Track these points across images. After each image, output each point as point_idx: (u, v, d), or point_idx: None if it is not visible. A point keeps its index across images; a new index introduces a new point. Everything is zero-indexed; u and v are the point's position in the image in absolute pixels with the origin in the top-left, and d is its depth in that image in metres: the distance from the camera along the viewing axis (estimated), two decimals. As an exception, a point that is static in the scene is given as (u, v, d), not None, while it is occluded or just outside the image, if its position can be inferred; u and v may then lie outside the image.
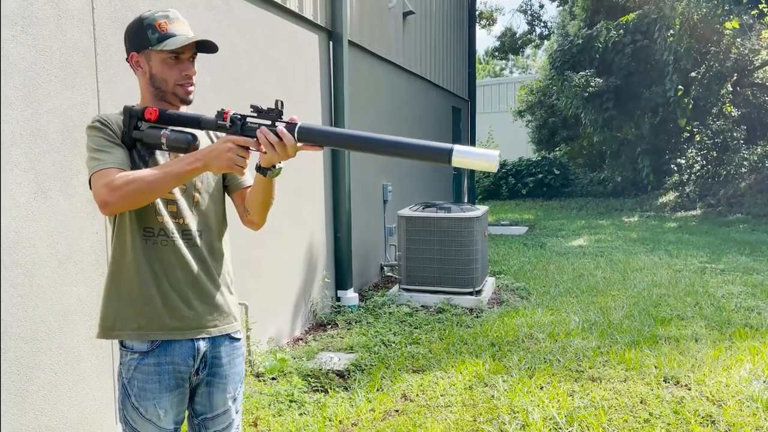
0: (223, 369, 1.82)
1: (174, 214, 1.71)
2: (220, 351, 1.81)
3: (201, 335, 1.74)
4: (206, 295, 1.76)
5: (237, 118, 1.57)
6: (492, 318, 5.07)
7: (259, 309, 4.22)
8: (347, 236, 5.59)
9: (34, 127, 2.56)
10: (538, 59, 35.55)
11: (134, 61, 1.70)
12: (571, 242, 9.26)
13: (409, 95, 8.05)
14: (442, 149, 1.46)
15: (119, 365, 1.71)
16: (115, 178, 1.54)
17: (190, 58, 1.72)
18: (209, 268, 1.78)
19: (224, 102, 3.86)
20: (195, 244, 1.75)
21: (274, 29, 4.57)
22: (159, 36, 1.66)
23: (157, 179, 1.55)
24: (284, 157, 1.54)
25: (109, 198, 1.53)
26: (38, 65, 2.59)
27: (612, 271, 6.87)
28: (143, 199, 1.58)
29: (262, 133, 1.52)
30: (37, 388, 2.57)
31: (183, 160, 1.56)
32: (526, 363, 3.98)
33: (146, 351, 1.68)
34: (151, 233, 1.68)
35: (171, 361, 1.70)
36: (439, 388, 3.63)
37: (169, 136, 1.60)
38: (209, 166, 1.55)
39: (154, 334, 1.67)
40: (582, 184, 17.40)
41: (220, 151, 1.53)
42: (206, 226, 1.79)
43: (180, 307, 1.71)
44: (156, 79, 1.69)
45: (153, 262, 1.68)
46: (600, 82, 14.25)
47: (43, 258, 2.60)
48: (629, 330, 4.60)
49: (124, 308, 1.67)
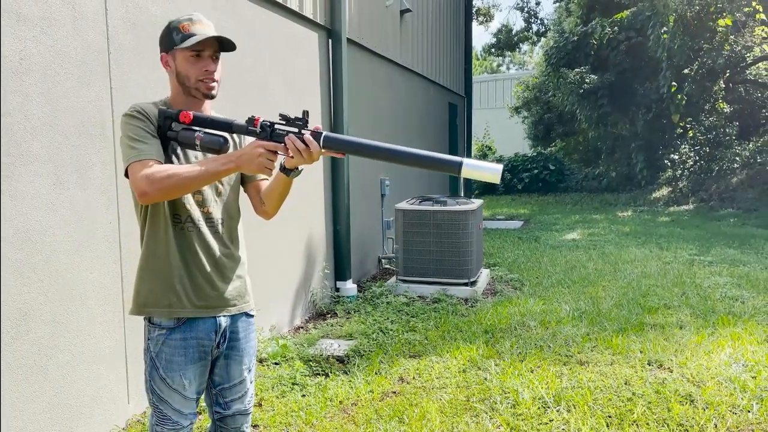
0: (239, 343, 2.00)
1: (200, 203, 1.89)
2: (237, 326, 1.99)
3: (223, 313, 1.93)
4: (227, 276, 1.94)
5: (267, 125, 1.74)
6: (486, 307, 5.25)
7: (261, 298, 4.38)
8: (346, 229, 5.76)
9: (53, 122, 2.72)
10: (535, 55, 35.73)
11: (164, 61, 1.88)
12: (565, 236, 9.44)
13: (406, 92, 8.22)
14: (452, 162, 1.67)
15: (146, 341, 1.89)
16: (155, 171, 1.70)
17: (212, 56, 1.88)
18: (230, 252, 1.96)
19: (231, 96, 4.03)
20: (217, 231, 1.92)
21: (276, 28, 4.72)
22: (182, 36, 1.83)
23: (194, 176, 1.71)
24: (309, 161, 1.72)
25: (148, 189, 1.69)
26: (56, 64, 2.75)
27: (603, 263, 7.05)
28: (179, 193, 1.76)
29: (290, 140, 1.69)
30: (56, 367, 2.74)
31: (217, 161, 1.73)
32: (518, 348, 4.16)
33: (173, 327, 1.86)
34: (179, 220, 1.85)
35: (196, 336, 1.88)
36: (435, 371, 3.81)
37: (203, 138, 1.77)
38: (241, 167, 1.73)
39: (183, 312, 1.85)
40: (577, 179, 17.59)
41: (251, 156, 1.70)
42: (227, 215, 1.97)
43: (205, 287, 1.88)
44: (181, 76, 1.86)
45: (182, 246, 1.85)
46: (595, 78, 14.41)
47: (62, 245, 2.77)
48: (617, 318, 4.79)
49: (157, 287, 1.85)
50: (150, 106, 1.84)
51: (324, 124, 5.56)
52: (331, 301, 5.56)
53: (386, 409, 3.27)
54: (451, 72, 11.03)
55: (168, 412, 1.88)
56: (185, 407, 1.89)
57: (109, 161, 3.02)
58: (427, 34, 9.30)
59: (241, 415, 2.04)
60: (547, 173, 17.37)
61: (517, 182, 17.56)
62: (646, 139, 14.96)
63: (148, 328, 1.89)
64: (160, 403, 1.88)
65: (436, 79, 9.79)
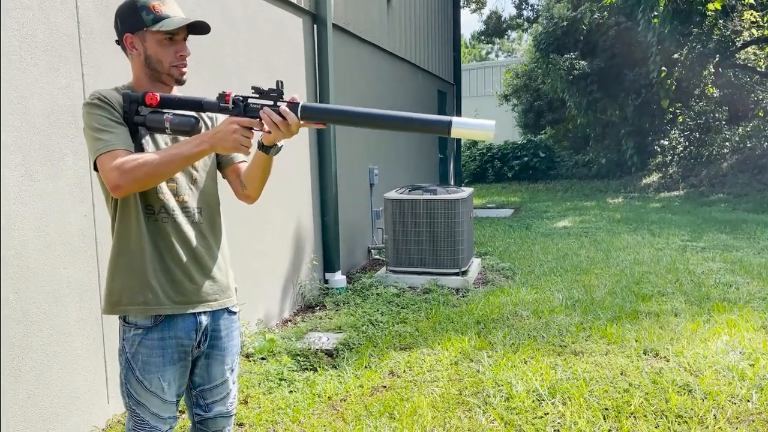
0: (221, 341, 1.88)
1: (174, 192, 1.76)
2: (219, 324, 1.87)
3: (203, 309, 1.80)
4: (206, 269, 1.82)
5: (239, 100, 1.62)
6: (478, 297, 5.16)
7: (248, 291, 4.26)
8: (334, 219, 5.64)
9: (20, 110, 2.58)
10: (524, 43, 35.57)
11: (128, 42, 1.73)
12: (556, 223, 9.37)
13: (394, 79, 8.07)
14: (441, 121, 1.56)
15: (122, 341, 1.76)
16: (125, 161, 1.58)
17: (184, 38, 1.76)
18: (209, 244, 1.84)
19: (207, 83, 3.88)
20: (195, 221, 1.80)
21: (257, 12, 4.57)
22: (154, 17, 1.69)
23: (166, 162, 1.60)
24: (287, 135, 1.60)
25: (120, 182, 1.57)
26: (23, 49, 2.60)
27: (596, 251, 6.98)
28: (153, 182, 1.64)
29: (265, 113, 1.58)
30: (30, 368, 2.61)
31: (190, 143, 1.62)
32: (511, 339, 4.07)
33: (150, 326, 1.73)
34: (152, 211, 1.73)
35: (175, 335, 1.76)
36: (426, 364, 3.71)
37: (172, 120, 1.64)
38: (215, 147, 1.61)
39: (160, 309, 1.73)
40: (567, 166, 17.53)
41: (225, 133, 1.58)
42: (205, 203, 1.84)
43: (182, 281, 1.76)
44: (152, 60, 1.72)
45: (156, 239, 1.73)
46: (584, 64, 14.33)
47: (32, 240, 2.63)
48: (611, 306, 4.71)
49: (131, 283, 1.72)
50: (112, 92, 1.71)
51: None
52: (320, 293, 5.45)
53: (376, 405, 3.17)
54: (439, 59, 10.89)
55: (146, 417, 1.76)
56: (164, 411, 1.78)
57: (81, 151, 2.87)
58: (414, 20, 9.14)
59: (222, 418, 1.93)
60: (537, 161, 17.30)
61: (507, 170, 17.48)
62: (635, 124, 14.91)
63: (123, 328, 1.76)
64: (138, 407, 1.76)
65: (424, 66, 9.65)
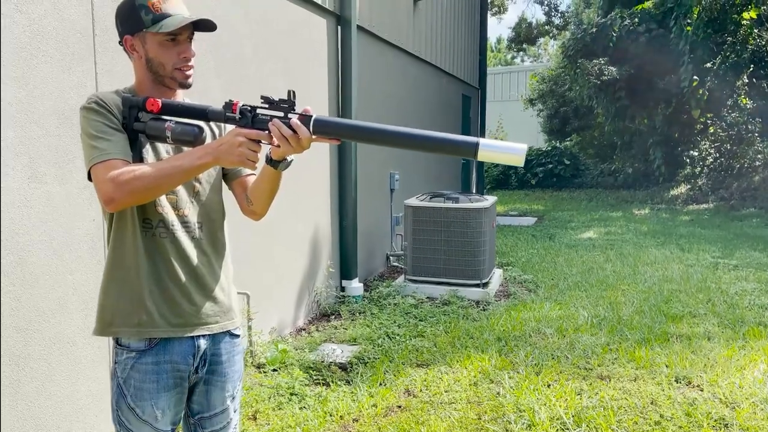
0: (222, 367, 1.74)
1: (174, 205, 1.63)
2: (219, 348, 1.73)
3: (202, 332, 1.67)
4: (207, 289, 1.68)
5: (247, 110, 1.49)
6: (499, 311, 4.98)
7: (262, 298, 4.14)
8: (353, 225, 5.50)
9: (28, 109, 2.47)
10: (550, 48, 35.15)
11: (129, 45, 1.60)
12: (581, 234, 9.13)
13: (418, 82, 7.92)
14: (467, 143, 1.40)
15: (114, 364, 1.64)
16: (121, 173, 1.45)
17: (188, 38, 1.61)
18: (210, 261, 1.70)
19: (227, 86, 3.77)
20: (195, 236, 1.67)
21: (279, 12, 4.45)
22: (153, 17, 1.55)
23: (165, 175, 1.47)
24: (298, 150, 1.46)
25: (115, 195, 1.45)
26: (33, 45, 2.50)
27: (622, 265, 6.75)
28: (151, 195, 1.51)
29: (275, 125, 1.45)
30: (30, 378, 2.50)
31: (192, 154, 1.48)
32: (533, 359, 3.89)
33: (144, 349, 1.60)
34: (149, 225, 1.59)
35: (170, 359, 1.62)
36: (444, 383, 3.55)
37: (174, 128, 1.51)
38: (219, 160, 1.48)
39: (155, 332, 1.60)
40: (592, 174, 17.18)
41: (230, 145, 1.45)
42: (207, 217, 1.70)
43: (180, 302, 1.63)
44: (153, 63, 1.59)
45: (153, 256, 1.59)
46: (613, 71, 14.01)
47: (37, 245, 2.52)
48: (639, 327, 4.50)
49: (124, 303, 1.59)
50: (111, 95, 1.58)
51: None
52: (336, 301, 5.31)
53: (390, 428, 3.01)
54: (464, 63, 10.70)
55: None
56: None
57: (92, 153, 2.76)
58: (441, 23, 8.98)
59: None
60: (561, 168, 16.99)
61: (530, 177, 17.19)
62: (664, 134, 14.55)
63: (116, 350, 1.63)
64: None
65: (449, 69, 9.48)
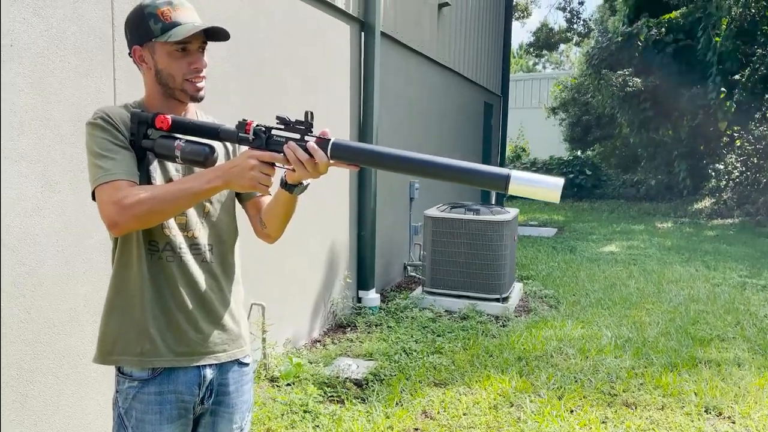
0: (229, 397, 1.64)
1: (183, 227, 1.53)
2: (227, 378, 1.63)
3: (209, 361, 1.57)
4: (215, 316, 1.59)
5: (261, 131, 1.39)
6: (519, 328, 4.84)
7: (277, 309, 4.05)
8: (371, 235, 5.40)
9: (44, 116, 2.41)
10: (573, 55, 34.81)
11: (137, 56, 1.51)
12: (603, 248, 8.94)
13: (440, 90, 7.81)
14: (496, 175, 1.28)
15: (115, 393, 1.54)
16: (126, 195, 1.37)
17: (199, 48, 1.52)
18: (220, 286, 1.61)
19: (246, 91, 3.69)
20: (205, 260, 1.57)
21: (302, 18, 4.37)
22: (163, 26, 1.46)
23: (173, 198, 1.38)
24: (314, 175, 1.36)
25: (119, 218, 1.37)
26: (50, 50, 2.43)
27: (646, 282, 6.57)
28: (156, 220, 1.43)
29: (290, 149, 1.35)
30: (38, 392, 2.43)
31: (202, 177, 1.39)
32: (555, 382, 3.75)
33: (147, 378, 1.51)
34: (155, 248, 1.50)
35: (174, 389, 1.53)
36: (462, 405, 3.43)
37: (184, 148, 1.42)
38: (230, 183, 1.38)
39: (158, 361, 1.50)
40: (614, 185, 16.92)
41: (242, 168, 1.36)
42: (217, 239, 1.61)
43: (186, 330, 1.53)
44: (162, 75, 1.49)
45: (158, 280, 1.50)
46: (638, 81, 13.77)
47: (49, 255, 2.46)
48: (666, 350, 4.34)
49: (126, 330, 1.50)
50: (119, 110, 1.49)
51: (352, 126, 5.20)
52: (352, 312, 5.21)
53: (407, 453, 2.90)
54: (487, 70, 10.57)
55: None
56: None
57: (108, 161, 2.69)
58: (465, 30, 8.86)
59: None
60: (583, 178, 16.75)
61: (551, 186, 16.96)
62: (689, 146, 14.27)
63: (117, 378, 1.54)
64: None
65: (472, 77, 9.35)
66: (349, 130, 5.15)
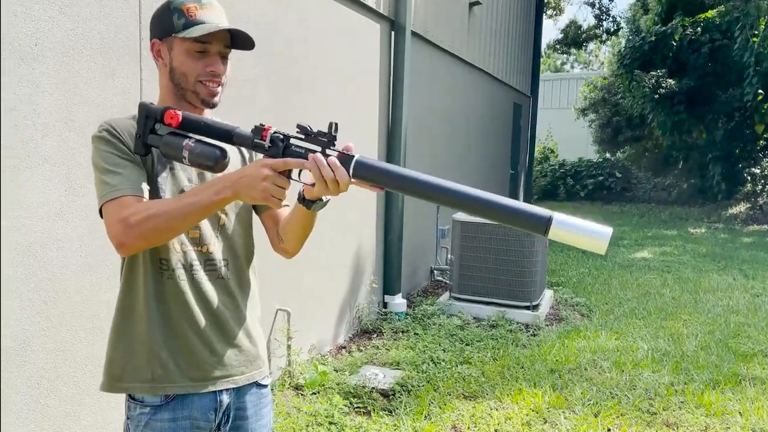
0: (247, 422, 1.53)
1: (196, 241, 1.43)
2: (245, 401, 1.52)
3: (226, 385, 1.46)
4: (231, 336, 1.48)
5: (279, 139, 1.26)
6: (551, 338, 4.68)
7: (302, 315, 3.96)
8: (398, 239, 5.28)
9: (68, 117, 2.34)
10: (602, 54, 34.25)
11: (155, 50, 1.42)
12: (634, 254, 8.70)
13: (469, 89, 7.65)
14: (537, 216, 1.14)
15: (126, 420, 1.44)
16: (132, 213, 1.27)
17: (220, 53, 1.41)
18: (236, 303, 1.49)
19: (274, 91, 3.60)
20: (220, 276, 1.46)
21: (332, 17, 4.27)
22: (186, 22, 1.36)
23: (181, 214, 1.27)
24: (334, 193, 1.24)
25: (125, 238, 1.27)
26: (76, 50, 2.36)
27: (681, 291, 6.34)
28: (164, 238, 1.32)
29: (316, 162, 1.22)
30: (58, 402, 2.37)
31: (210, 188, 1.28)
32: (591, 397, 3.59)
33: (159, 405, 1.40)
34: (165, 266, 1.39)
35: (189, 415, 1.42)
36: (494, 421, 3.29)
37: (193, 149, 1.28)
38: (240, 195, 1.26)
39: (172, 387, 1.40)
40: (645, 189, 16.54)
41: (253, 179, 1.24)
42: (232, 253, 1.49)
43: (201, 352, 1.42)
44: (176, 73, 1.39)
45: (169, 300, 1.39)
46: (672, 83, 13.42)
47: (72, 261, 2.39)
48: (706, 365, 4.14)
49: (136, 354, 1.40)
50: (125, 122, 1.38)
51: (381, 125, 5.09)
52: (378, 317, 5.10)
53: (436, 471, 2.78)
54: (517, 70, 10.37)
55: None
56: None
57: (133, 164, 2.61)
58: (495, 30, 8.69)
59: None
60: (612, 181, 16.42)
61: (580, 189, 16.67)
62: (724, 149, 13.88)
63: (128, 404, 1.44)
64: None
65: (502, 77, 9.17)
66: (377, 129, 5.05)
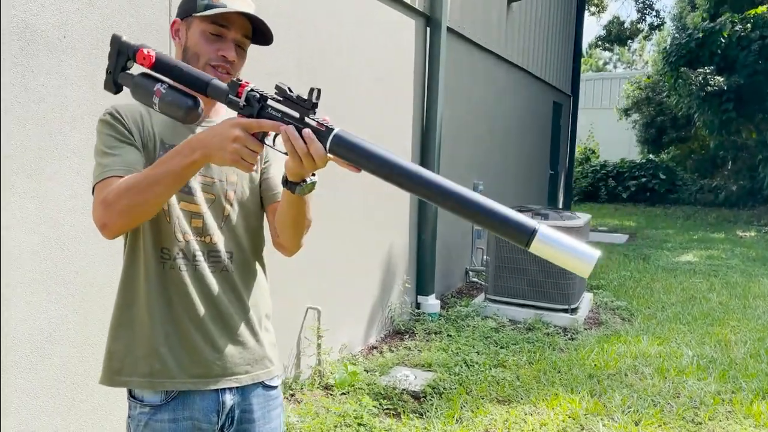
0: (254, 425, 1.45)
1: (199, 231, 1.36)
2: (251, 403, 1.44)
3: (228, 384, 1.39)
4: (234, 331, 1.41)
5: (255, 98, 1.14)
6: (589, 342, 4.52)
7: (333, 314, 3.91)
8: (432, 238, 5.19)
9: (96, 110, 2.33)
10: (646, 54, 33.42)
11: (174, 28, 1.38)
12: (679, 257, 8.39)
13: (507, 87, 7.50)
14: (520, 225, 1.02)
15: (127, 419, 1.40)
16: (110, 191, 1.21)
17: (237, 41, 1.36)
18: (241, 298, 1.43)
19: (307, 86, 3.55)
20: (224, 268, 1.40)
21: (366, 12, 4.21)
22: (208, 3, 1.32)
23: (153, 183, 1.18)
24: (310, 168, 1.12)
25: (105, 218, 1.21)
26: (105, 42, 2.35)
27: (729, 296, 6.07)
28: (142, 212, 1.22)
29: (288, 133, 1.10)
30: (85, 396, 2.36)
31: (180, 153, 1.18)
32: (631, 405, 3.43)
33: (159, 404, 1.35)
34: (167, 256, 1.33)
35: (190, 416, 1.36)
36: (528, 426, 3.17)
37: (164, 96, 1.17)
38: (211, 157, 1.16)
39: (171, 383, 1.34)
40: (690, 191, 16.01)
41: (223, 139, 1.12)
42: (238, 246, 1.42)
43: (202, 348, 1.36)
44: (188, 54, 1.35)
45: (170, 293, 1.34)
46: (720, 80, 12.94)
47: (99, 255, 2.38)
48: (756, 374, 3.93)
49: (135, 348, 1.34)
50: (132, 108, 1.34)
51: (415, 122, 5.01)
52: (411, 318, 5.01)
53: (467, 478, 2.68)
54: (557, 68, 10.14)
55: None
56: None
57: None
58: (534, 27, 8.50)
59: None
60: (656, 182, 15.94)
61: (621, 190, 16.25)
62: (776, 150, 13.32)
63: (129, 403, 1.38)
64: None
65: (541, 75, 8.98)
66: (412, 126, 4.97)
